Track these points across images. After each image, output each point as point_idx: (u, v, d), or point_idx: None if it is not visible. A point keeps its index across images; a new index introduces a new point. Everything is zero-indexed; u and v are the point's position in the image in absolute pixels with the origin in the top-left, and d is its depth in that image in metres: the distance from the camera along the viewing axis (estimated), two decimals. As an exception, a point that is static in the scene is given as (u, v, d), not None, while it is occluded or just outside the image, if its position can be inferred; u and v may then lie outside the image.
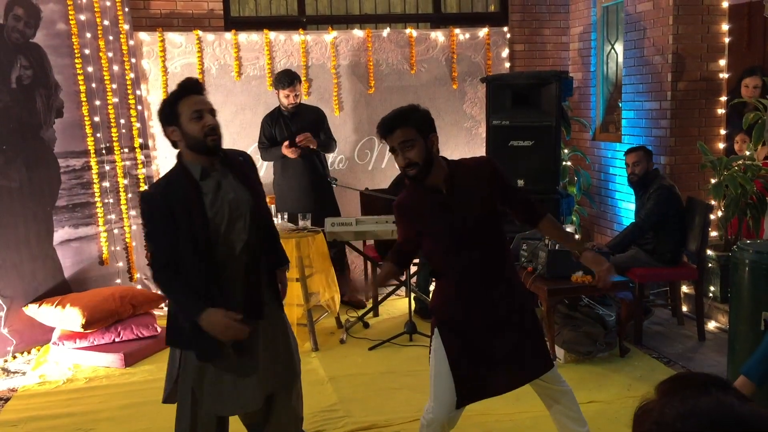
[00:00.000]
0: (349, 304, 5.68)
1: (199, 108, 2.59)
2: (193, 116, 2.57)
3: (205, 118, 2.58)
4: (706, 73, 5.52)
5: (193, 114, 2.57)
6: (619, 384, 4.11)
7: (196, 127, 2.57)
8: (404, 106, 2.80)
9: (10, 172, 4.84)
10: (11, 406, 4.10)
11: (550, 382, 2.91)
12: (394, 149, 2.72)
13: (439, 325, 2.84)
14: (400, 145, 2.68)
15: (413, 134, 2.68)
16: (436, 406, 2.80)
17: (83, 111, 5.29)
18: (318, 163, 5.54)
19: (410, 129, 2.69)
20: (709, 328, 4.99)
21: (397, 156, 2.72)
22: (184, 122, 2.57)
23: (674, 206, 4.84)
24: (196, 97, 2.61)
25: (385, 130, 2.71)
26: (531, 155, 5.39)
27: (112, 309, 4.79)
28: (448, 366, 2.76)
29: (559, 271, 4.33)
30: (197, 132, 2.57)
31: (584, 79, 6.74)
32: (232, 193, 2.65)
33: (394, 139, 2.70)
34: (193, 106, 2.58)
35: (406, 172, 2.72)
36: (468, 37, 6.38)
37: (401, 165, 2.72)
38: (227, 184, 2.65)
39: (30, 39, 5.00)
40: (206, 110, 2.61)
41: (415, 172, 2.70)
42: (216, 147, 2.61)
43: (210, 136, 2.58)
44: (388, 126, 2.71)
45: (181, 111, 2.57)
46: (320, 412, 3.84)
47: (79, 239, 5.28)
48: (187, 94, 2.60)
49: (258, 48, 6.03)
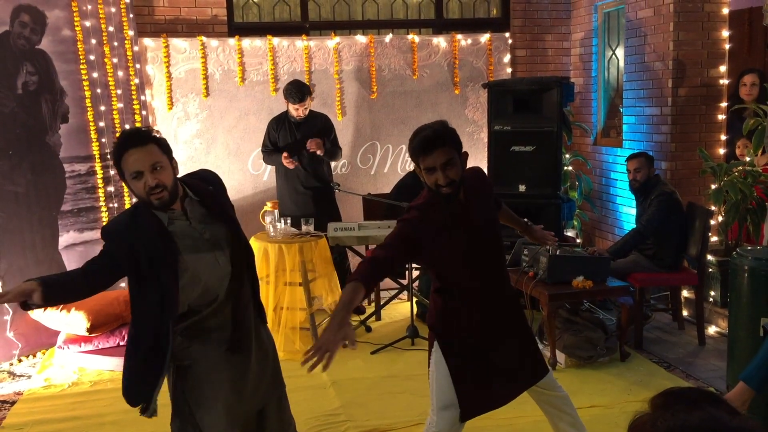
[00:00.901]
0: (352, 308, 5.70)
1: (137, 169, 2.39)
2: (133, 176, 2.40)
3: (145, 178, 2.39)
4: (706, 79, 5.55)
5: (132, 174, 2.40)
6: (619, 388, 4.14)
7: (138, 186, 2.41)
8: (437, 123, 2.71)
9: (16, 177, 4.88)
10: (17, 409, 4.13)
11: (546, 388, 2.93)
12: (434, 169, 2.62)
13: (439, 339, 2.81)
14: (442, 166, 2.61)
15: (452, 153, 2.62)
16: (440, 421, 2.78)
17: (88, 116, 5.34)
18: (320, 168, 5.56)
19: (449, 148, 2.63)
20: (709, 332, 5.02)
21: (435, 174, 2.62)
22: (128, 180, 2.44)
23: (675, 212, 4.87)
24: (135, 154, 2.39)
25: (427, 150, 2.61)
26: (532, 160, 5.43)
27: (116, 313, 4.83)
28: (451, 381, 2.75)
29: (560, 276, 4.36)
30: (141, 192, 2.42)
31: (585, 85, 6.78)
32: (207, 232, 2.53)
33: (435, 159, 2.61)
34: (131, 166, 2.40)
35: (441, 190, 2.64)
36: (470, 43, 6.42)
37: (441, 183, 2.62)
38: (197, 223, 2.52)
39: (36, 45, 5.05)
40: (147, 169, 2.39)
41: (452, 190, 2.63)
42: (164, 204, 2.43)
43: (154, 194, 2.40)
44: (430, 146, 2.61)
45: (124, 169, 2.42)
46: (322, 416, 3.87)
47: (84, 243, 5.32)
48: (125, 150, 2.41)
49: (261, 53, 6.08)
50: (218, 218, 2.58)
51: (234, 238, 2.59)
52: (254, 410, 2.75)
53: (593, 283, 4.36)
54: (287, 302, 4.89)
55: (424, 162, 2.63)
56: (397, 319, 5.52)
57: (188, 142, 6.01)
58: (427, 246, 2.69)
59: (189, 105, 6.00)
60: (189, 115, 6.00)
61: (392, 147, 6.34)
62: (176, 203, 2.49)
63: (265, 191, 6.05)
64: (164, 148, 2.47)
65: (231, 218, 2.63)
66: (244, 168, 6.12)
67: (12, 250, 4.84)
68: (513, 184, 5.51)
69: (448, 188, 2.63)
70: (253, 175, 6.13)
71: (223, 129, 6.07)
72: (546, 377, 2.90)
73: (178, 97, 5.97)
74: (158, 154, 2.43)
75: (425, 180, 2.69)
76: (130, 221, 2.47)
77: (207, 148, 6.05)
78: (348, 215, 6.03)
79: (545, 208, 5.42)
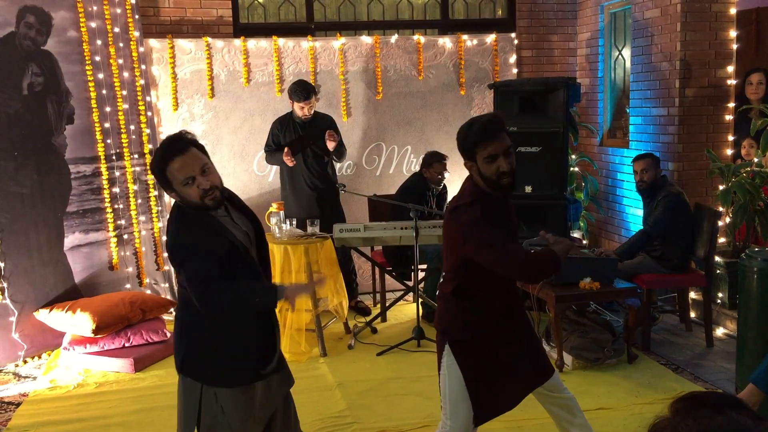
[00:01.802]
0: (357, 309, 5.70)
1: (188, 174, 2.39)
2: (186, 182, 2.39)
3: (198, 181, 2.39)
4: (713, 80, 5.52)
5: (183, 181, 2.39)
6: (627, 390, 4.11)
7: (191, 192, 2.40)
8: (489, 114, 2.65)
9: (21, 178, 4.88)
10: (22, 411, 4.13)
11: (553, 390, 2.90)
12: (496, 156, 2.53)
13: (452, 343, 2.75)
14: (505, 151, 2.53)
15: (510, 141, 2.57)
16: (454, 426, 2.74)
17: (94, 117, 5.33)
18: (324, 169, 5.55)
19: (508, 136, 2.59)
20: (717, 334, 4.99)
21: (496, 162, 2.53)
22: (179, 188, 2.41)
23: (683, 213, 4.84)
24: (182, 159, 2.39)
25: (492, 133, 2.53)
26: (538, 161, 5.40)
27: (122, 314, 4.83)
28: (464, 385, 2.71)
29: (566, 278, 4.34)
30: (195, 197, 2.41)
31: (592, 85, 6.76)
32: (243, 226, 2.57)
33: (500, 144, 2.54)
34: (181, 173, 2.39)
35: (502, 181, 2.55)
36: (476, 43, 6.40)
37: (505, 170, 2.54)
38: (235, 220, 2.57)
39: (41, 46, 5.05)
40: (197, 173, 2.40)
41: (512, 180, 2.57)
42: (218, 204, 2.45)
43: (208, 196, 2.42)
44: (494, 129, 2.54)
45: (172, 178, 2.41)
46: (329, 417, 3.86)
47: (89, 245, 5.32)
48: (170, 159, 2.40)
49: (267, 54, 6.07)
50: (246, 215, 2.63)
51: (259, 234, 2.64)
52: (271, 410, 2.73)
53: (600, 284, 4.35)
54: (293, 303, 4.87)
55: (486, 149, 2.52)
56: (403, 321, 5.51)
57: (193, 143, 6.00)
58: None
59: (194, 106, 5.99)
60: (194, 116, 6.00)
61: (398, 148, 6.32)
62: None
63: (270, 192, 6.04)
64: (203, 150, 2.51)
65: (253, 213, 2.69)
66: (250, 169, 6.11)
67: (17, 251, 4.83)
68: (519, 185, 5.45)
69: (510, 177, 2.56)
70: (259, 176, 6.12)
71: (229, 130, 6.06)
72: (552, 378, 2.88)
73: (184, 98, 5.97)
74: (202, 156, 2.46)
75: (483, 171, 2.57)
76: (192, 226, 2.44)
77: (212, 149, 6.03)
78: (353, 216, 6.02)
79: (551, 209, 5.40)
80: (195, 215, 2.46)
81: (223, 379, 2.52)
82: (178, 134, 2.48)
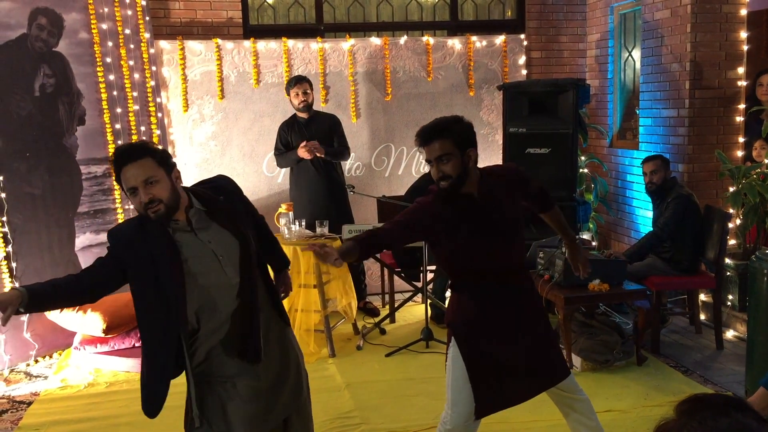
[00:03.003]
0: (365, 310, 5.71)
1: (131, 185, 2.37)
2: (130, 192, 2.39)
3: (139, 195, 2.36)
4: (724, 81, 5.50)
5: (128, 191, 2.40)
6: (636, 393, 4.10)
7: (135, 201, 2.40)
8: (448, 117, 2.77)
9: (33, 179, 4.92)
10: (33, 410, 4.16)
11: (567, 390, 2.91)
12: (429, 161, 2.70)
13: (456, 336, 2.83)
14: (437, 159, 2.67)
15: (450, 148, 2.66)
16: (454, 416, 2.80)
17: (105, 119, 5.37)
18: (333, 171, 5.57)
19: (448, 142, 2.66)
20: (727, 337, 4.97)
21: (431, 167, 2.70)
22: (128, 195, 2.43)
23: (692, 215, 4.82)
24: (131, 169, 2.36)
25: (423, 140, 2.70)
26: (548, 163, 5.40)
27: (132, 314, 4.77)
28: (467, 377, 2.77)
29: (575, 279, 4.32)
30: (138, 207, 2.40)
31: (601, 86, 6.74)
32: (213, 242, 2.48)
33: (431, 151, 2.68)
34: (127, 182, 2.38)
35: (439, 184, 2.70)
36: (485, 45, 6.40)
37: (434, 176, 2.70)
38: (203, 233, 2.49)
39: (53, 48, 5.09)
40: (140, 184, 2.36)
41: (447, 185, 2.68)
42: (160, 217, 2.39)
43: (150, 209, 2.38)
44: (426, 137, 2.69)
45: (123, 183, 2.41)
46: (337, 418, 3.87)
47: (100, 245, 5.35)
48: (122, 166, 2.38)
49: (276, 56, 6.09)
50: (226, 228, 2.53)
51: (243, 248, 2.54)
52: (281, 418, 2.71)
53: (609, 286, 4.34)
54: (302, 304, 4.89)
55: (423, 153, 2.72)
56: (412, 322, 5.51)
57: (203, 144, 6.03)
58: (437, 233, 2.75)
59: (204, 107, 6.02)
60: (204, 117, 6.03)
61: (407, 149, 6.33)
62: (180, 213, 2.45)
63: (279, 193, 6.06)
64: (161, 160, 2.42)
65: (241, 232, 2.57)
66: (259, 170, 6.13)
67: (29, 251, 4.87)
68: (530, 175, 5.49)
69: (444, 182, 2.68)
70: (268, 177, 6.14)
71: (238, 131, 6.08)
72: (567, 379, 2.89)
73: (194, 99, 6.00)
74: (153, 167, 2.38)
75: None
76: (138, 227, 2.44)
77: (222, 150, 6.07)
78: (362, 217, 6.03)
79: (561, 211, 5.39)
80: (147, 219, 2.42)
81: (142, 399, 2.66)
82: (138, 142, 2.51)
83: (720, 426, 0.97)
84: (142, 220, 2.44)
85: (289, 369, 2.73)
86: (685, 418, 1.01)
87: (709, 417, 0.98)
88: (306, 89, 5.42)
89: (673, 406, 1.07)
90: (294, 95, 5.42)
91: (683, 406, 1.04)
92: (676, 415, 1.04)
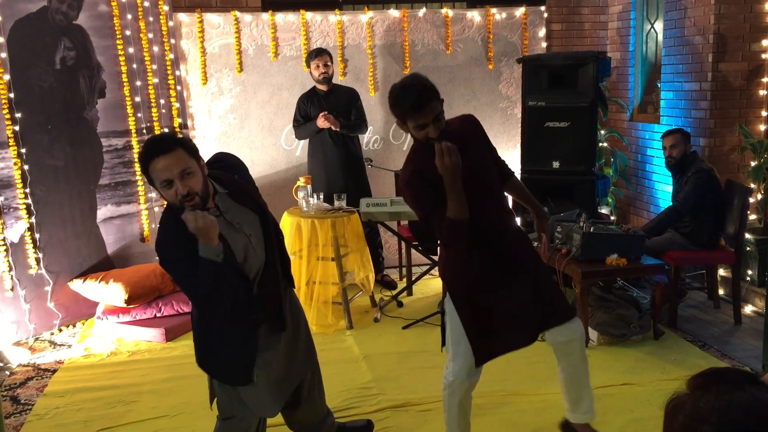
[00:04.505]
0: (383, 283, 5.75)
1: (166, 177, 2.33)
2: (163, 186, 2.35)
3: (175, 186, 2.33)
4: (748, 54, 5.41)
5: (162, 184, 2.35)
6: (653, 367, 4.11)
7: (169, 194, 2.36)
8: (413, 79, 2.68)
9: (55, 151, 4.97)
10: (58, 377, 4.25)
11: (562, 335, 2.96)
12: (425, 125, 2.63)
13: (450, 290, 2.90)
14: (434, 119, 2.63)
15: (438, 105, 2.65)
16: (456, 368, 2.92)
17: (125, 91, 5.40)
18: (351, 144, 5.58)
19: (435, 101, 2.64)
20: (745, 312, 4.95)
21: (425, 129, 2.64)
22: (159, 189, 2.39)
23: (713, 189, 4.78)
24: (162, 162, 2.32)
25: (417, 107, 2.61)
26: (567, 136, 5.37)
27: (153, 285, 4.93)
28: (462, 329, 2.85)
29: (593, 254, 4.33)
30: (173, 199, 2.36)
31: (622, 59, 6.66)
32: (241, 223, 2.53)
33: (426, 114, 2.62)
34: (160, 175, 2.33)
35: (431, 141, 2.62)
36: (504, 17, 6.33)
37: (433, 136, 2.62)
38: (232, 216, 2.52)
39: (73, 20, 5.11)
40: (175, 177, 2.33)
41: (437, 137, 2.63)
42: (197, 208, 2.35)
43: (186, 201, 2.34)
44: (417, 104, 2.61)
45: (154, 177, 2.36)
46: (354, 389, 3.92)
47: (121, 217, 5.42)
48: (152, 158, 2.34)
49: (294, 28, 6.07)
50: (245, 205, 2.57)
51: (263, 221, 2.60)
52: (296, 383, 2.84)
53: (627, 261, 4.33)
54: (320, 277, 4.94)
55: (416, 120, 2.63)
56: (429, 295, 5.54)
57: (222, 117, 6.05)
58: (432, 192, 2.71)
59: (223, 80, 6.03)
60: (223, 90, 6.04)
61: (425, 122, 6.30)
62: (209, 201, 2.44)
63: (297, 166, 6.08)
64: (191, 150, 2.40)
65: (259, 205, 2.62)
66: (277, 143, 6.15)
67: (52, 223, 4.95)
68: (547, 161, 5.46)
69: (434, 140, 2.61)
70: (286, 150, 6.16)
71: (257, 104, 6.09)
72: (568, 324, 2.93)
73: (212, 72, 6.01)
74: (186, 159, 2.35)
75: (412, 134, 2.71)
76: (175, 225, 2.36)
77: (240, 123, 6.09)
78: (380, 191, 6.05)
79: (579, 185, 5.37)
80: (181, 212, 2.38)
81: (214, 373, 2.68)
82: (167, 133, 2.49)
83: (736, 400, 0.97)
84: (175, 215, 2.37)
85: (299, 331, 2.85)
86: (699, 392, 1.02)
87: (724, 391, 0.99)
88: (326, 62, 5.42)
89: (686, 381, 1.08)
90: (314, 67, 5.43)
91: (697, 380, 1.05)
92: (690, 389, 1.04)
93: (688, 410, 1.00)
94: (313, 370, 2.99)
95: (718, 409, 0.97)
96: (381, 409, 3.67)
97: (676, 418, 1.01)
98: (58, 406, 3.86)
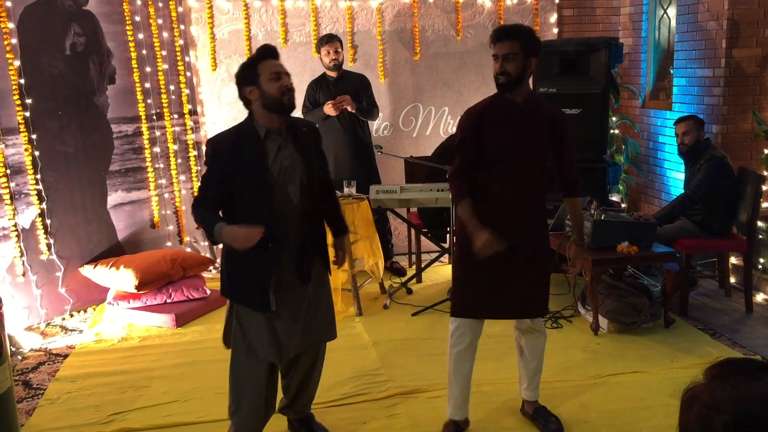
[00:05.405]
0: (392, 270, 5.75)
1: (278, 70, 2.79)
2: (272, 77, 2.76)
3: (283, 79, 2.78)
4: (762, 40, 5.35)
5: (272, 75, 2.76)
6: (663, 355, 4.10)
7: (274, 86, 2.75)
8: (523, 25, 3.07)
9: (65, 137, 4.98)
10: (69, 362, 4.28)
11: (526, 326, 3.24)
12: (496, 56, 2.93)
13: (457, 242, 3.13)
14: (504, 56, 2.90)
15: (518, 49, 2.90)
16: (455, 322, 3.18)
17: (134, 77, 5.40)
18: (360, 131, 5.56)
19: (517, 44, 2.90)
20: (757, 300, 4.92)
21: (496, 63, 2.93)
22: (263, 82, 2.76)
23: (725, 177, 4.74)
24: (274, 62, 2.82)
25: (497, 37, 2.93)
26: (578, 123, 5.31)
27: (163, 271, 4.94)
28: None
29: (604, 242, 4.31)
30: (275, 91, 2.75)
31: (635, 45, 6.60)
32: (288, 159, 2.82)
33: (501, 47, 2.92)
34: (272, 68, 2.78)
35: (497, 79, 2.94)
36: (515, 2, 6.28)
37: (497, 70, 2.93)
38: (286, 150, 2.83)
39: (83, 6, 5.10)
40: (284, 73, 2.81)
41: (505, 81, 2.92)
42: (291, 106, 2.80)
43: (286, 95, 2.77)
44: (500, 35, 2.92)
45: (261, 72, 2.77)
46: (364, 375, 3.93)
47: (131, 203, 5.44)
48: (266, 58, 2.81)
49: (304, 14, 6.05)
50: (299, 152, 2.85)
51: (308, 174, 2.85)
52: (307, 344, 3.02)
53: (638, 248, 4.31)
54: (329, 263, 4.93)
55: (493, 49, 2.95)
56: (438, 282, 5.54)
57: (232, 103, 6.04)
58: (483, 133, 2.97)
59: (233, 66, 6.01)
60: (232, 76, 6.01)
61: (435, 109, 6.29)
62: (277, 121, 2.81)
63: (307, 153, 6.07)
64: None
65: (311, 159, 2.89)
66: (287, 130, 6.13)
67: (62, 209, 4.97)
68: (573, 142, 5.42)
69: (503, 78, 2.92)
70: (296, 136, 6.15)
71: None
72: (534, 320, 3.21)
73: (222, 59, 6.00)
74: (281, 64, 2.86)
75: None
76: (235, 136, 2.83)
77: (250, 110, 6.07)
78: (389, 178, 6.03)
79: (590, 172, 5.33)
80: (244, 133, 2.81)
81: (236, 297, 2.89)
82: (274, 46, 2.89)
83: (753, 390, 0.96)
84: (239, 129, 2.86)
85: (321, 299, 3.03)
86: (716, 382, 1.01)
87: (741, 381, 0.98)
88: (337, 48, 5.41)
89: (703, 370, 1.07)
90: (325, 53, 5.41)
91: (714, 370, 1.04)
92: (706, 379, 1.04)
93: (705, 400, 0.99)
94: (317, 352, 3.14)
95: (735, 399, 0.96)
96: (390, 396, 3.68)
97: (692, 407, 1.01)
98: (69, 390, 3.89)
